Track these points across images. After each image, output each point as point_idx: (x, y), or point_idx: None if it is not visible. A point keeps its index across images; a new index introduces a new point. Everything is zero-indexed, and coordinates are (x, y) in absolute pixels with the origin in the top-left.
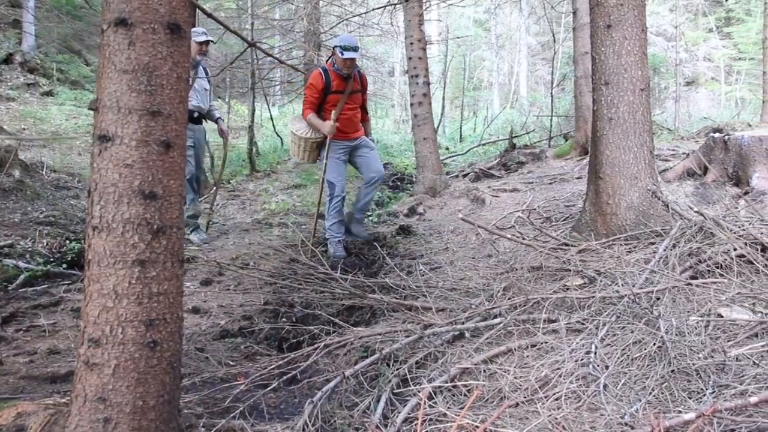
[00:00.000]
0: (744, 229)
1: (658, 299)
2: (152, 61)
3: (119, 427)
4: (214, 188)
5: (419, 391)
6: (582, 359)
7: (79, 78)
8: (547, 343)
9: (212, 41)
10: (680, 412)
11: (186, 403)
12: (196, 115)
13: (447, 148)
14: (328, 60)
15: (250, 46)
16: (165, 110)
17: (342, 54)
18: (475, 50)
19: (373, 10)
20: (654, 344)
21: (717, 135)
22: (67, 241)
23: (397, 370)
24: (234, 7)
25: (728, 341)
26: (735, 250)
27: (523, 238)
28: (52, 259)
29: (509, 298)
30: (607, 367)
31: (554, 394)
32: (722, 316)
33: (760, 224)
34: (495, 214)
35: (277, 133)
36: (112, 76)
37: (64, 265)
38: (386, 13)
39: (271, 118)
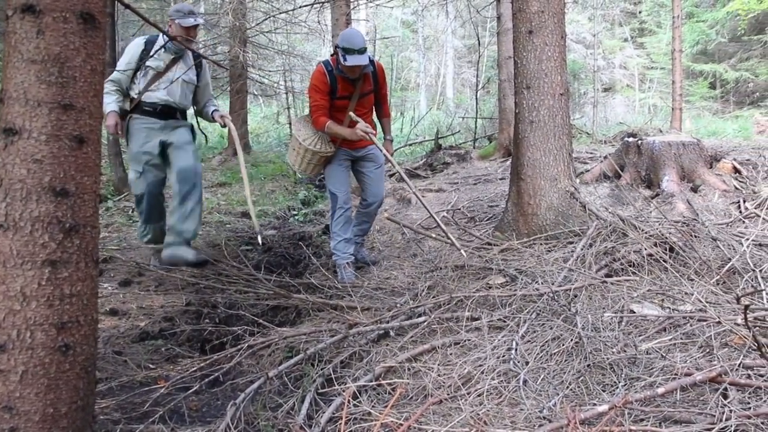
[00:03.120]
0: (654, 230)
1: (575, 296)
2: (63, 52)
3: None
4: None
5: (344, 391)
6: (503, 356)
7: None
8: (469, 340)
9: (201, 24)
10: (595, 404)
11: (102, 408)
12: (158, 109)
13: None
14: (332, 54)
15: (170, 40)
16: (78, 104)
17: (345, 60)
18: (402, 51)
19: (301, 7)
20: (571, 340)
21: (631, 139)
22: None
23: (321, 370)
24: None
25: (639, 336)
26: (646, 249)
27: (448, 238)
28: None
29: (433, 297)
30: (527, 363)
31: (476, 390)
32: (634, 312)
33: (669, 225)
34: (420, 213)
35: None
36: (19, 66)
37: None
38: (314, 11)
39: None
